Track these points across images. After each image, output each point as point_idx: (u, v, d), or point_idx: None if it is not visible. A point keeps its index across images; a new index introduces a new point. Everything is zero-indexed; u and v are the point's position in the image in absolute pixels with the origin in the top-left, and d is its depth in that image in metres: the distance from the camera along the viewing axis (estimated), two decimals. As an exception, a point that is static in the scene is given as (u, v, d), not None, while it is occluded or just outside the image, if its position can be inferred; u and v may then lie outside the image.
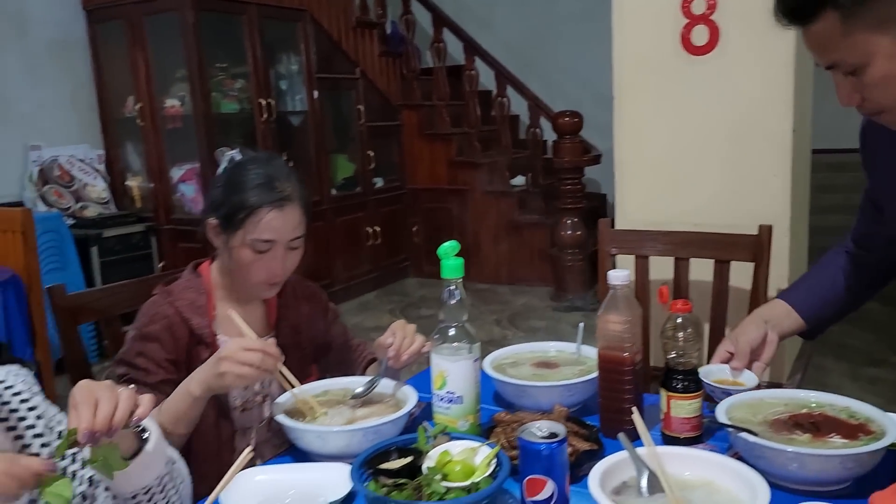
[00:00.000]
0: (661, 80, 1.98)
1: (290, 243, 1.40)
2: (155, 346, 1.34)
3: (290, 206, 1.38)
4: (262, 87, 4.55)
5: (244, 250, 1.37)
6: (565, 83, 6.07)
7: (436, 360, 1.22)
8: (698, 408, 1.22)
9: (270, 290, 1.44)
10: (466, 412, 1.22)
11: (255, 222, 1.35)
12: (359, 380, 1.42)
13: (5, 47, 4.16)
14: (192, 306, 1.39)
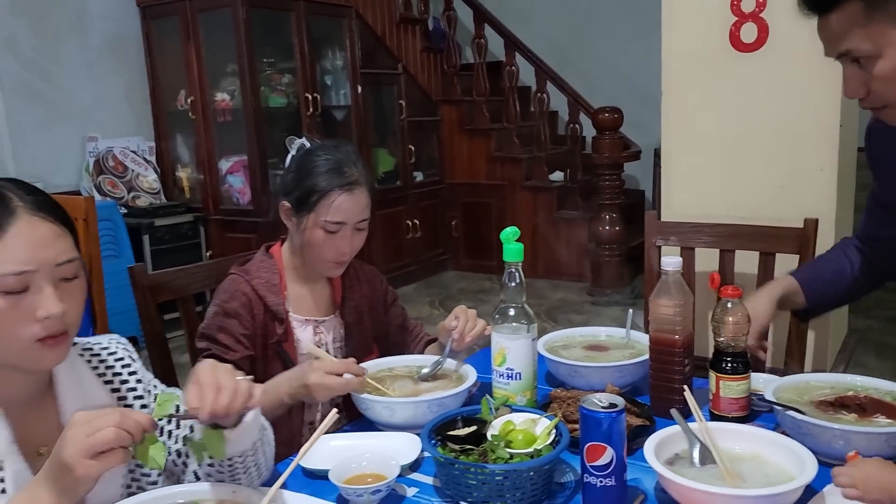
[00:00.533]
0: (710, 76, 2.03)
1: (357, 225, 1.50)
2: (234, 322, 1.44)
3: (359, 190, 1.48)
4: (308, 81, 4.66)
5: (316, 231, 1.47)
6: (604, 79, 6.09)
7: (496, 338, 1.29)
8: (746, 389, 1.28)
9: (338, 269, 1.54)
10: (524, 388, 1.29)
11: (326, 205, 1.45)
12: (420, 358, 1.51)
13: (67, 43, 4.34)
14: (267, 285, 1.49)
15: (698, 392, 1.33)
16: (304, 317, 1.55)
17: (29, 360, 0.96)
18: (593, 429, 1.01)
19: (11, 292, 0.91)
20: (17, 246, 0.91)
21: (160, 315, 1.62)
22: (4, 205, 0.93)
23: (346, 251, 1.49)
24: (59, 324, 0.94)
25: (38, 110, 4.21)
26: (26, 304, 0.92)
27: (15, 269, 0.91)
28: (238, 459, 1.06)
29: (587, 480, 1.03)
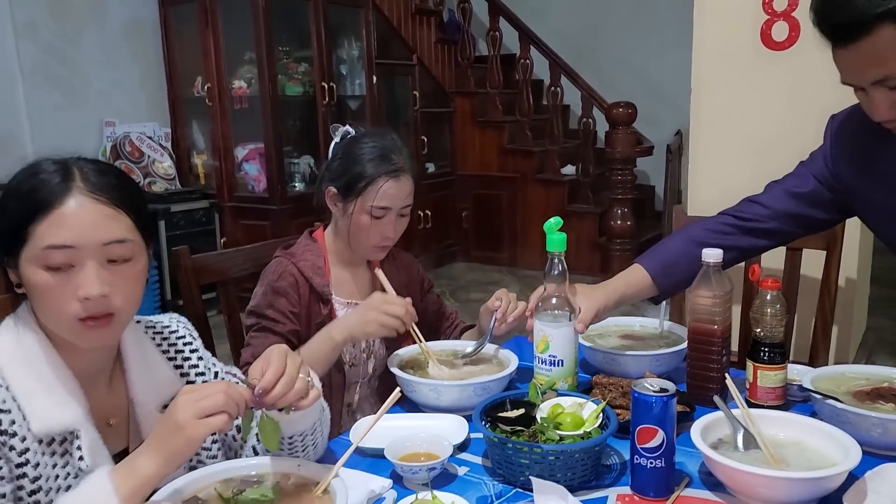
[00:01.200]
0: (740, 73, 2.05)
1: (401, 210, 1.54)
2: (283, 300, 1.48)
3: (404, 177, 1.52)
4: (324, 70, 4.67)
5: (362, 216, 1.51)
6: (617, 75, 6.11)
7: (539, 325, 1.32)
8: (783, 378, 1.32)
9: (381, 253, 1.58)
10: (566, 374, 1.33)
11: (373, 191, 1.49)
12: (458, 343, 1.55)
13: (86, 28, 4.36)
14: (313, 267, 1.53)
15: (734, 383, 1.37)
16: (346, 300, 1.59)
17: (74, 337, 0.98)
18: (645, 412, 1.05)
19: (55, 268, 0.93)
20: (63, 223, 0.93)
21: (200, 296, 1.65)
22: (64, 183, 0.94)
23: (391, 236, 1.53)
24: (101, 305, 0.95)
25: (57, 94, 4.24)
26: (70, 282, 0.93)
27: (57, 243, 0.92)
28: (298, 438, 1.10)
29: (637, 462, 1.07)
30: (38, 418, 0.94)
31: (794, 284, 1.92)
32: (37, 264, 0.93)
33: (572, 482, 1.09)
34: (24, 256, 0.94)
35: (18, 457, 0.92)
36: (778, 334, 1.32)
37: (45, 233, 0.92)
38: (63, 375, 0.98)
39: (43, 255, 0.92)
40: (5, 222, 0.94)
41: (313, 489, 0.98)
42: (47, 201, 0.93)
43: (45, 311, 0.96)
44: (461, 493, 1.07)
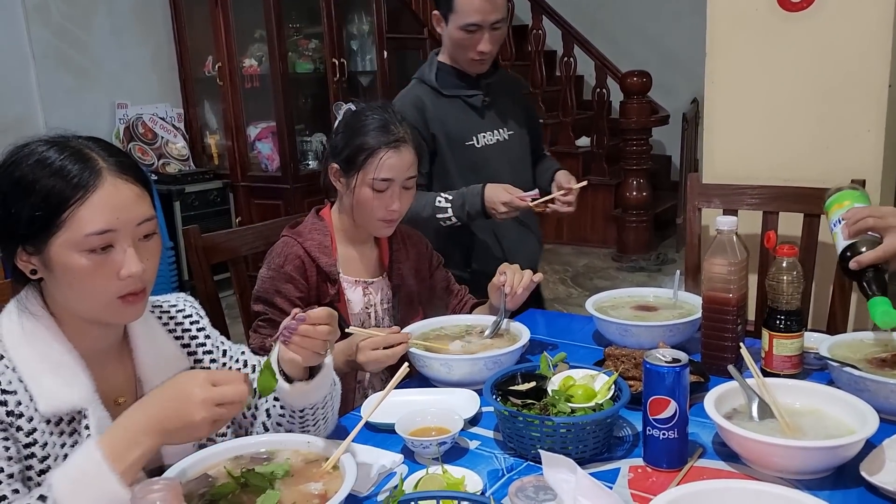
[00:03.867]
0: (755, 36, 1.99)
1: (405, 182, 1.52)
2: (289, 286, 1.48)
3: (405, 147, 1.50)
4: (334, 47, 4.63)
5: (364, 189, 1.49)
6: (632, 43, 6.01)
7: None
8: (799, 346, 1.30)
9: (388, 228, 1.56)
10: None
11: (374, 163, 1.48)
12: (469, 318, 1.54)
13: (96, 10, 4.34)
14: (320, 247, 1.52)
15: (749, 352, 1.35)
16: (354, 278, 1.58)
17: (110, 315, 1.00)
18: (657, 383, 1.04)
19: (95, 251, 0.94)
20: (101, 207, 0.93)
21: (211, 275, 1.66)
22: (90, 166, 0.95)
23: (395, 209, 1.51)
24: (139, 282, 0.98)
25: (69, 77, 4.24)
26: (109, 263, 0.95)
27: (99, 228, 0.93)
28: (309, 411, 1.10)
29: (650, 433, 1.06)
30: (44, 398, 0.95)
31: (812, 251, 1.88)
32: (76, 249, 0.93)
33: (584, 454, 1.08)
34: (59, 242, 0.93)
35: (26, 437, 0.93)
36: (794, 302, 1.29)
37: (83, 219, 0.93)
38: (69, 356, 0.99)
39: (84, 241, 0.93)
40: (31, 209, 0.93)
41: (323, 465, 0.98)
42: (82, 186, 0.93)
43: (82, 292, 0.96)
44: (472, 466, 1.06)
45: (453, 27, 1.84)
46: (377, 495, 1.03)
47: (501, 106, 2.00)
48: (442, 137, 1.92)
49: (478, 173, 1.90)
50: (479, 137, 1.96)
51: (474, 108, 1.96)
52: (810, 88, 1.93)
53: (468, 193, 1.81)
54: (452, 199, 1.82)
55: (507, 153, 1.99)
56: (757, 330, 1.46)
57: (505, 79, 2.07)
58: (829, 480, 1.01)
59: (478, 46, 1.84)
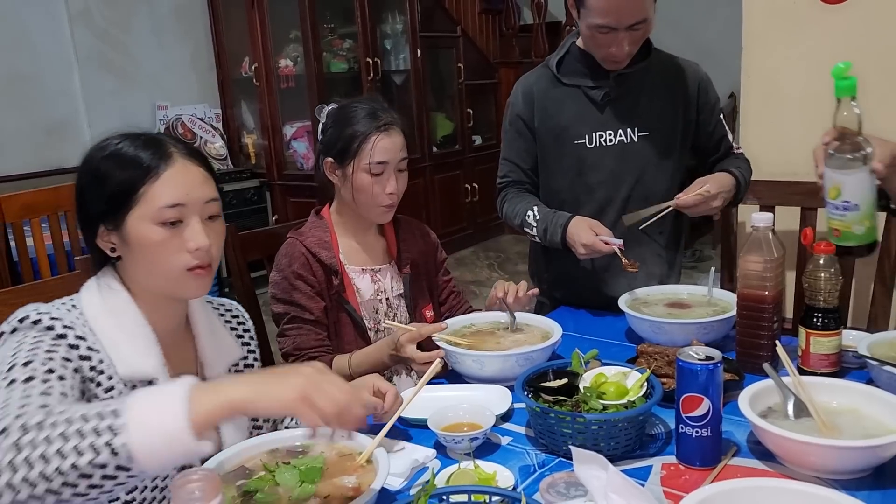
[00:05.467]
0: (794, 28, 1.96)
1: (399, 164, 1.56)
2: (302, 283, 1.52)
3: (394, 130, 1.54)
4: (368, 46, 4.67)
5: (361, 175, 1.53)
6: (666, 37, 5.86)
7: (829, 174, 1.25)
8: (837, 345, 1.27)
9: (388, 213, 1.59)
10: (862, 217, 1.24)
11: (367, 148, 1.52)
12: (499, 315, 1.54)
13: (137, 11, 4.44)
14: (320, 242, 1.56)
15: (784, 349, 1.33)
16: (360, 266, 1.61)
17: (180, 287, 1.06)
18: (690, 380, 1.03)
19: (168, 224, 1.02)
20: (173, 183, 1.03)
21: (248, 271, 1.69)
22: (163, 149, 1.04)
23: (393, 191, 1.54)
24: (206, 256, 1.05)
25: (111, 79, 4.34)
26: (179, 236, 1.03)
27: (171, 201, 1.02)
28: None
29: (682, 431, 1.05)
30: (123, 363, 1.02)
31: (852, 248, 1.85)
32: (152, 222, 1.02)
33: (616, 451, 1.08)
34: (135, 216, 1.02)
35: (104, 393, 0.99)
36: (832, 299, 1.27)
37: (157, 193, 1.02)
38: (144, 329, 1.06)
39: (158, 213, 1.02)
40: (112, 188, 1.02)
41: (357, 458, 1.00)
42: (154, 166, 1.03)
43: (155, 264, 1.04)
44: (504, 462, 1.07)
45: (584, 24, 1.60)
46: (410, 489, 1.04)
47: (636, 101, 1.72)
48: (546, 132, 1.75)
49: (585, 178, 1.73)
50: (594, 136, 1.72)
51: (593, 102, 1.72)
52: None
53: (553, 222, 1.68)
54: (539, 220, 1.71)
55: (634, 158, 1.72)
56: (795, 328, 1.44)
57: (657, 67, 1.75)
58: (866, 481, 0.99)
59: (610, 48, 1.61)
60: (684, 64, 1.78)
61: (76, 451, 0.75)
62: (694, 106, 1.77)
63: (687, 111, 1.76)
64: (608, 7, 1.54)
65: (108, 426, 0.76)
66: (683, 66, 1.78)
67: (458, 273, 5.04)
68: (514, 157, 1.84)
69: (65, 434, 0.76)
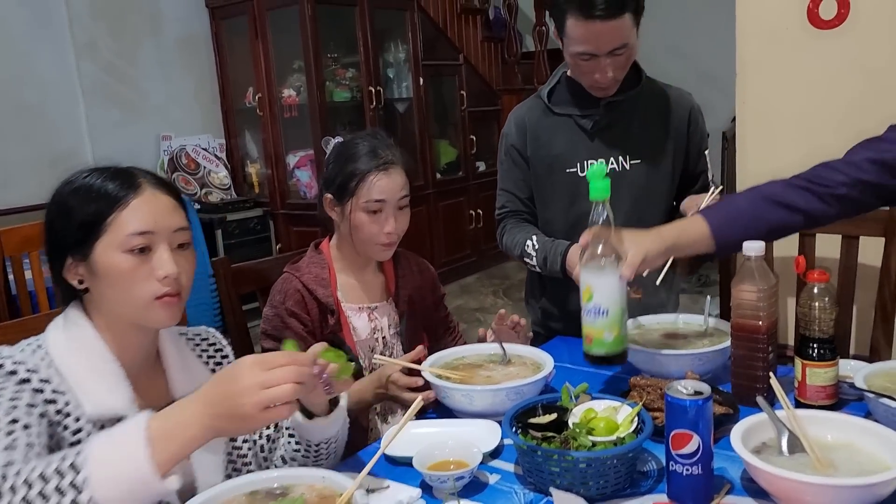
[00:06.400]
0: (787, 55, 1.95)
1: (399, 203, 1.55)
2: (294, 321, 1.51)
3: (394, 169, 1.53)
4: (371, 75, 4.70)
5: (359, 214, 1.52)
6: (667, 61, 5.92)
7: (583, 275, 1.25)
8: (834, 376, 1.25)
9: (387, 251, 1.57)
10: (611, 325, 1.24)
11: (365, 187, 1.51)
12: (489, 346, 1.51)
13: (142, 44, 4.50)
14: (317, 279, 1.55)
15: (781, 380, 1.30)
16: (358, 304, 1.60)
17: (148, 316, 1.05)
18: (679, 416, 1.00)
19: (136, 252, 1.02)
20: (141, 211, 1.03)
21: (240, 304, 1.68)
22: (131, 179, 1.05)
23: (392, 230, 1.53)
24: (175, 284, 1.04)
25: (116, 111, 4.39)
26: (148, 264, 1.03)
27: (139, 228, 1.02)
28: (324, 445, 1.11)
29: (672, 469, 1.02)
30: (91, 402, 1.00)
31: (852, 273, 1.82)
32: (119, 250, 1.02)
33: (605, 490, 1.05)
34: (103, 244, 1.02)
35: (72, 436, 0.97)
36: (827, 329, 1.25)
37: (125, 221, 1.02)
38: (111, 365, 1.04)
39: (125, 241, 1.02)
40: (80, 217, 1.02)
41: (337, 501, 0.97)
42: (123, 195, 1.03)
43: (123, 292, 1.03)
44: (491, 502, 1.05)
45: (567, 52, 1.61)
46: (393, 530, 1.02)
47: (627, 129, 1.72)
48: (539, 161, 1.75)
49: (578, 206, 1.70)
50: (585, 165, 1.71)
51: (584, 131, 1.72)
52: (844, 107, 1.88)
53: (552, 251, 1.67)
54: (538, 249, 1.70)
55: (626, 186, 1.70)
56: (796, 356, 1.41)
57: (648, 95, 1.74)
58: (863, 519, 0.96)
59: (594, 75, 1.60)
60: (676, 92, 1.78)
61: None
62: (684, 135, 1.76)
63: (678, 139, 1.75)
64: (586, 35, 1.54)
65: (70, 483, 0.75)
66: (675, 94, 1.78)
67: (463, 300, 5.02)
68: (510, 187, 1.83)
69: (27, 499, 0.74)
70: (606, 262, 1.24)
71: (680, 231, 1.38)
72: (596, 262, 1.24)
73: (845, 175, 1.36)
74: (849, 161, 1.38)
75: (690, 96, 1.79)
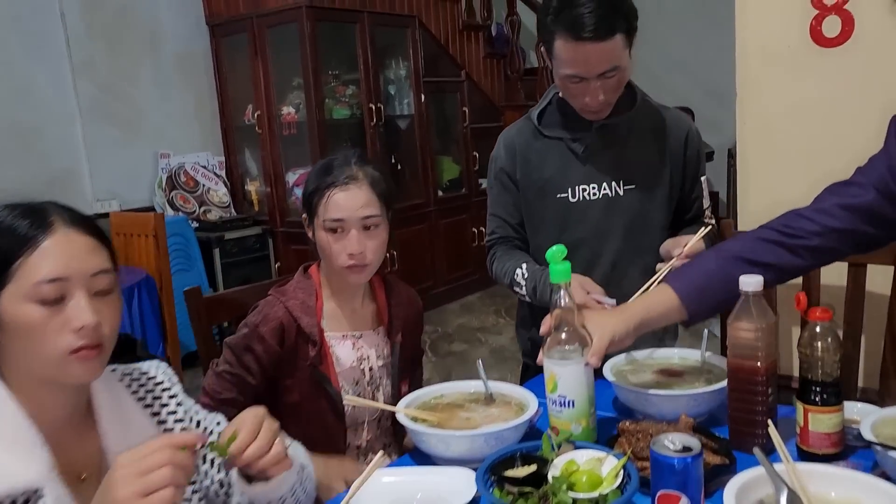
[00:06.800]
0: (789, 74, 1.88)
1: (364, 222, 1.44)
2: (259, 347, 1.43)
3: (355, 185, 1.44)
4: (371, 92, 4.66)
5: (321, 234, 1.45)
6: (674, 79, 5.88)
7: (547, 364, 1.20)
8: (839, 422, 1.15)
9: (358, 274, 1.47)
10: (578, 416, 1.19)
11: (323, 204, 1.44)
12: (471, 384, 1.42)
13: (140, 62, 4.47)
14: (303, 306, 1.47)
15: (783, 422, 1.22)
16: (343, 332, 1.52)
17: (63, 373, 0.95)
18: (666, 475, 0.92)
19: (47, 302, 0.91)
20: (53, 254, 0.92)
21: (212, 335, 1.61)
22: (42, 217, 0.94)
23: (355, 251, 1.43)
24: (94, 336, 0.94)
25: (114, 129, 4.35)
26: (61, 315, 0.93)
27: (50, 275, 0.91)
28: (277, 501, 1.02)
29: (659, 530, 0.93)
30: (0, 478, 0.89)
31: (859, 304, 1.73)
32: (28, 300, 0.91)
33: (586, 552, 0.96)
34: (9, 294, 0.92)
35: None
36: (831, 372, 1.15)
37: (34, 266, 0.91)
38: (25, 429, 0.93)
39: (34, 290, 0.91)
40: None
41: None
42: (31, 237, 0.92)
43: (34, 347, 0.93)
44: (461, 564, 0.96)
45: (556, 74, 1.53)
46: None
47: (621, 153, 1.63)
48: (529, 185, 1.67)
49: (569, 233, 1.63)
50: (577, 190, 1.63)
51: (575, 155, 1.63)
52: (849, 127, 1.79)
53: (542, 280, 1.59)
54: (528, 278, 1.62)
55: (620, 212, 1.63)
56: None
57: (644, 117, 1.65)
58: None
59: (584, 98, 1.52)
60: (673, 114, 1.70)
61: None
62: (680, 158, 1.67)
63: (674, 164, 1.67)
64: (575, 57, 1.46)
65: None
66: (672, 116, 1.69)
67: (465, 319, 4.94)
68: (501, 212, 1.75)
69: None
70: (570, 350, 1.18)
71: (647, 307, 1.30)
72: (559, 350, 1.18)
73: (817, 224, 1.28)
74: (819, 209, 1.30)
75: (688, 118, 1.71)
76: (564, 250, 1.22)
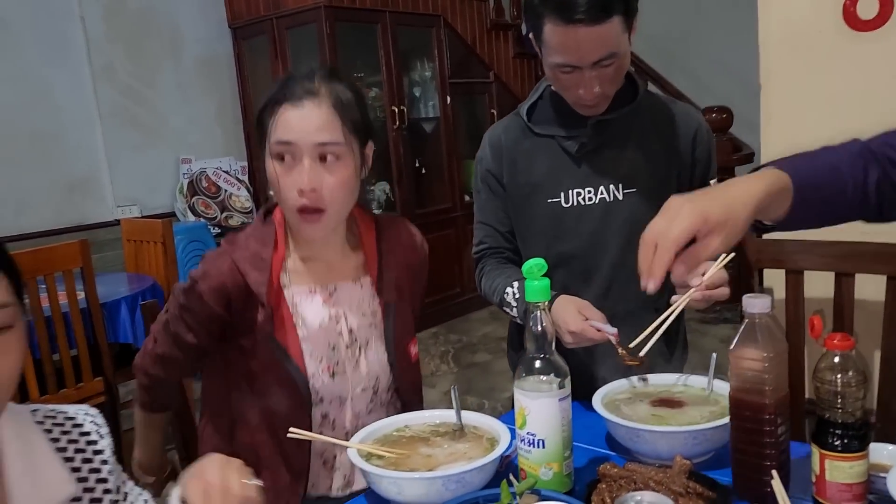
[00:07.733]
0: (819, 61, 1.68)
1: (319, 149, 1.17)
2: (198, 306, 1.23)
3: (313, 103, 1.18)
4: (394, 94, 4.54)
5: (269, 163, 1.21)
6: (712, 77, 5.63)
7: (517, 395, 1.04)
8: (863, 472, 0.96)
9: (311, 224, 1.21)
10: (549, 458, 1.02)
11: (273, 125, 1.19)
12: (439, 414, 1.26)
13: (161, 67, 4.43)
14: (253, 259, 1.22)
15: (797, 464, 1.03)
16: (308, 286, 1.28)
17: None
18: (630, 544, 0.75)
19: None
20: None
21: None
22: None
23: (305, 186, 1.16)
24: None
25: (134, 134, 4.32)
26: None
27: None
28: None
29: None
30: None
31: (900, 324, 1.52)
32: None
33: None
34: None
35: None
36: (854, 411, 0.96)
37: None
38: None
39: None
40: None
41: None
42: None
43: None
44: None
45: (546, 63, 1.38)
46: None
47: (620, 153, 1.45)
48: (516, 189, 1.49)
49: (561, 242, 1.47)
50: (570, 194, 1.45)
51: (568, 154, 1.46)
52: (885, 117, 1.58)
53: None
54: (519, 298, 1.43)
55: (619, 219, 1.45)
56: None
57: (647, 112, 1.47)
58: None
59: (577, 90, 1.35)
60: (681, 108, 1.51)
61: None
62: (689, 159, 1.48)
63: (681, 164, 1.48)
64: (566, 43, 1.29)
65: None
66: (681, 110, 1.50)
67: (491, 328, 4.77)
68: (489, 219, 1.58)
69: None
70: (544, 381, 1.01)
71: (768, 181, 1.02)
72: (530, 381, 1.02)
73: None
74: None
75: (699, 114, 1.52)
76: (544, 265, 1.06)
